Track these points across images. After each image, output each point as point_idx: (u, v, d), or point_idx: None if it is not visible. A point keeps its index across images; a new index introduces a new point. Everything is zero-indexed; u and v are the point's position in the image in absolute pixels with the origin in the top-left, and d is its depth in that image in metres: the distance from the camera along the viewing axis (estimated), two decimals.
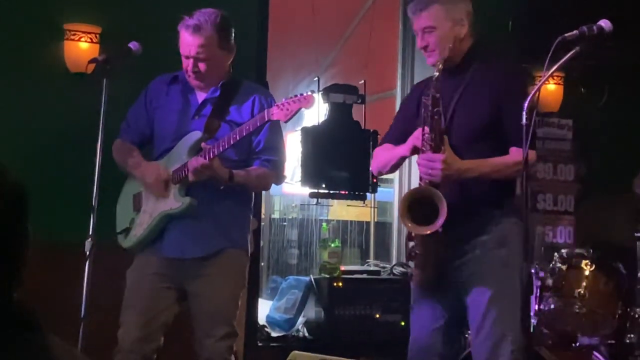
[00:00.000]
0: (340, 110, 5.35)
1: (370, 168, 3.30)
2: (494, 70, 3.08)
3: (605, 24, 2.74)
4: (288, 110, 3.04)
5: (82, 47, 4.53)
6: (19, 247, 1.30)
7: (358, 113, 5.46)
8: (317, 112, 5.33)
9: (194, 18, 3.30)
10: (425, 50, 3.12)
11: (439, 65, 3.04)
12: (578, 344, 4.30)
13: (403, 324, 5.11)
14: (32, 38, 4.52)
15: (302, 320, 5.23)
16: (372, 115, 5.60)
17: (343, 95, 5.34)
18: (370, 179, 5.34)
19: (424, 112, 3.02)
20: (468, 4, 3.17)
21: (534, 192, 5.96)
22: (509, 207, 3.07)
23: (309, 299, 5.23)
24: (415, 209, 3.00)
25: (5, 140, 4.30)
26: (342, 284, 5.09)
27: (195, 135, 3.29)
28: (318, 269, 5.38)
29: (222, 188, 3.24)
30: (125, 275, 3.39)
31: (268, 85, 4.67)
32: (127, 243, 3.42)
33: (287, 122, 3.17)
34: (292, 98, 3.06)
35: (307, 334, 5.15)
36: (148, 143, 3.49)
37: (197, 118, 3.36)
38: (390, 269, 5.40)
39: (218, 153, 3.16)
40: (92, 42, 4.55)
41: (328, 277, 5.14)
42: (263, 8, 5.12)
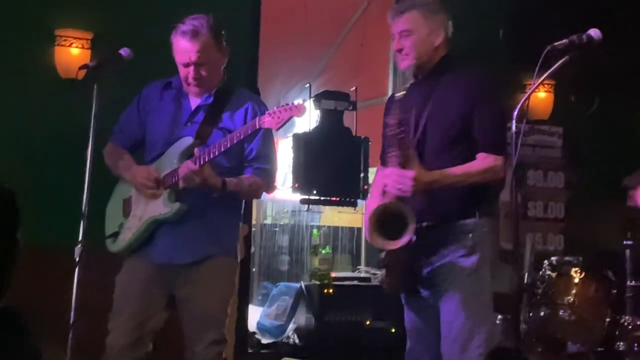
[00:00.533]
0: (332, 117, 5.36)
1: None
2: (463, 78, 3.11)
3: (595, 33, 2.76)
4: (279, 119, 3.04)
5: (73, 52, 4.54)
6: (9, 253, 1.30)
7: (349, 120, 5.47)
8: (308, 118, 5.34)
9: (188, 24, 3.29)
10: (400, 53, 3.18)
11: (411, 72, 3.14)
12: (567, 351, 4.31)
13: (393, 331, 5.12)
14: (23, 44, 4.52)
15: (292, 327, 5.23)
16: (363, 122, 5.62)
17: (334, 102, 5.36)
18: (361, 185, 5.35)
19: (389, 132, 3.08)
20: (446, 16, 3.25)
21: (525, 199, 5.98)
22: (483, 214, 3.09)
23: (300, 306, 5.23)
24: (384, 223, 3.06)
25: None
26: (332, 291, 5.10)
27: (187, 141, 3.29)
28: (309, 276, 5.39)
29: (214, 196, 3.24)
30: (115, 281, 3.38)
31: (259, 92, 4.68)
32: (115, 247, 3.41)
33: (278, 130, 3.17)
34: (283, 106, 3.06)
35: (297, 341, 5.15)
36: (139, 147, 3.48)
37: (189, 124, 3.36)
38: (381, 276, 5.39)
39: (209, 159, 3.15)
40: (83, 48, 4.55)
41: (319, 283, 5.14)
42: (255, 14, 5.13)
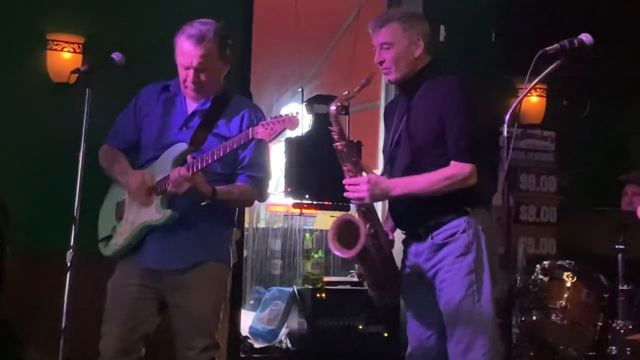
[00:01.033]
0: (324, 121, 5.30)
1: None
2: (437, 87, 3.16)
3: (586, 38, 2.76)
4: (272, 130, 3.03)
5: (64, 57, 4.53)
6: None
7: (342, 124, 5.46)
8: (300, 123, 5.33)
9: (195, 28, 3.28)
10: (381, 65, 3.25)
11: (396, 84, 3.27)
12: (560, 356, 4.31)
13: (386, 335, 5.13)
14: (14, 48, 4.51)
15: (285, 332, 5.22)
16: (356, 126, 5.62)
17: (327, 106, 5.33)
18: None
19: (339, 150, 3.23)
20: (425, 26, 3.29)
21: (517, 203, 5.99)
22: (473, 215, 3.12)
23: (292, 310, 5.23)
24: (342, 234, 3.16)
25: None
26: (325, 295, 5.09)
27: (181, 147, 3.28)
28: (301, 280, 5.38)
29: (203, 204, 3.22)
30: (107, 286, 3.37)
31: (252, 97, 4.67)
32: (107, 251, 3.41)
33: (270, 141, 3.17)
34: (277, 118, 3.05)
35: (290, 345, 5.15)
36: (135, 150, 3.47)
37: (184, 129, 3.35)
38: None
39: (201, 167, 3.14)
40: (74, 52, 4.54)
41: (311, 288, 5.14)
42: (247, 19, 5.13)
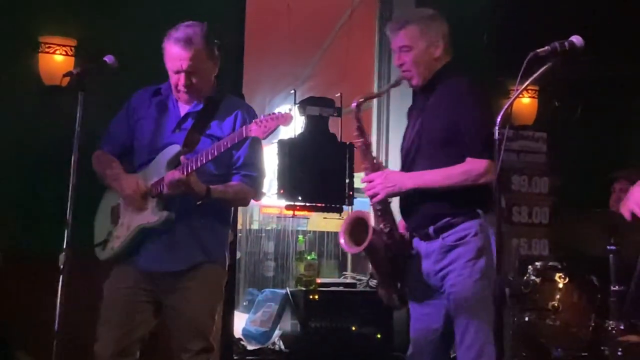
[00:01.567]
0: (317, 123, 5.37)
1: None
2: (452, 86, 3.15)
3: (577, 40, 2.75)
4: (266, 127, 3.04)
5: (57, 59, 4.53)
6: None
7: (334, 126, 5.48)
8: (293, 124, 5.34)
9: (181, 31, 3.28)
10: (401, 68, 3.24)
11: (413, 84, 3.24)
12: (552, 356, 4.32)
13: (379, 337, 5.13)
14: (6, 50, 4.50)
15: (278, 333, 5.22)
16: (348, 127, 5.61)
17: (319, 108, 5.36)
18: (347, 191, 5.35)
19: (358, 148, 3.26)
20: (443, 26, 3.29)
21: (509, 204, 6.01)
22: (485, 219, 3.10)
23: (285, 312, 5.23)
24: (354, 230, 3.20)
25: None
26: (318, 297, 5.09)
27: (175, 149, 3.28)
28: (294, 282, 5.38)
29: (198, 203, 3.23)
30: (100, 289, 3.37)
31: (244, 98, 4.67)
32: (104, 255, 3.41)
33: (264, 139, 3.17)
34: (270, 115, 3.05)
35: (283, 347, 5.15)
36: (128, 154, 3.47)
37: (177, 131, 3.35)
38: (367, 282, 5.40)
39: (196, 168, 3.15)
40: (67, 54, 4.55)
41: (304, 289, 5.14)
42: (240, 20, 5.13)
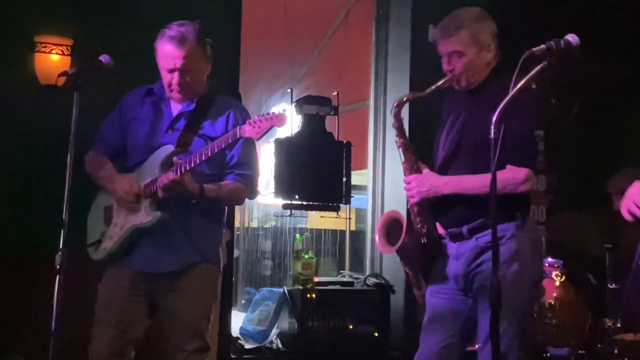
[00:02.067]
0: (314, 122, 5.36)
1: None
2: (501, 90, 2.93)
3: (573, 39, 2.74)
4: (260, 128, 3.03)
5: (53, 59, 4.52)
6: None
7: (331, 124, 5.47)
8: (290, 123, 5.34)
9: (174, 30, 3.29)
10: (450, 72, 3.16)
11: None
12: (549, 355, 4.33)
13: (376, 335, 5.13)
14: (2, 50, 4.49)
15: (275, 332, 5.22)
16: (345, 126, 5.62)
17: (316, 107, 5.35)
18: (344, 190, 5.35)
19: (398, 147, 3.21)
20: (492, 25, 3.19)
21: None
22: (523, 221, 3.08)
23: (283, 311, 5.22)
24: (394, 230, 3.19)
25: None
26: (315, 296, 5.09)
27: (168, 149, 3.28)
28: (292, 280, 5.38)
29: (193, 202, 3.23)
30: (96, 289, 3.37)
31: (241, 97, 4.67)
32: (97, 255, 3.41)
33: (258, 139, 3.17)
34: (264, 116, 3.05)
35: (280, 346, 5.14)
36: (121, 155, 3.47)
37: (170, 132, 3.35)
38: (364, 280, 5.40)
39: (189, 168, 3.14)
40: (63, 54, 4.54)
41: (301, 288, 5.14)
42: (236, 19, 5.12)
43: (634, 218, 2.61)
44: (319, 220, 6.38)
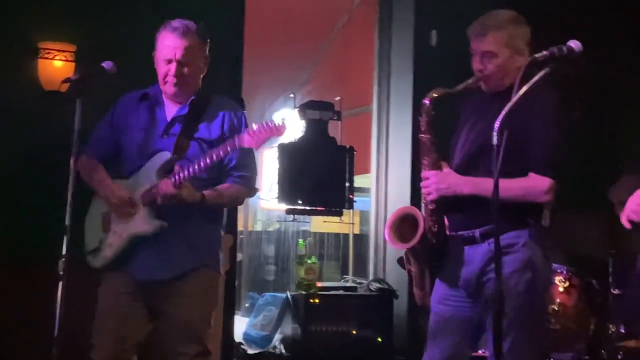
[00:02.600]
0: (316, 127, 5.37)
1: None
2: (534, 96, 2.85)
3: (575, 45, 2.73)
4: (259, 138, 3.01)
5: (56, 65, 4.53)
6: None
7: (334, 129, 5.48)
8: (293, 128, 5.35)
9: (177, 22, 3.30)
10: (480, 72, 3.10)
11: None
12: None
13: (379, 340, 5.13)
14: (6, 56, 4.50)
15: (278, 337, 5.22)
16: (348, 130, 5.63)
17: (319, 112, 5.36)
18: (347, 195, 5.35)
19: (422, 142, 3.12)
20: (528, 31, 3.13)
21: None
22: (535, 228, 3.03)
23: (286, 316, 5.23)
24: (405, 227, 3.10)
25: None
26: (318, 301, 5.09)
27: (164, 156, 3.27)
28: (295, 285, 5.38)
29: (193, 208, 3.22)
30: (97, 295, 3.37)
31: (244, 103, 4.67)
32: (96, 263, 3.38)
33: (257, 149, 3.15)
34: (264, 125, 3.02)
35: (283, 351, 5.14)
36: (113, 159, 3.46)
37: (165, 137, 3.34)
38: (367, 285, 5.40)
39: (187, 177, 3.14)
40: (66, 60, 4.54)
41: (305, 293, 5.13)
42: (238, 25, 5.13)
43: (634, 225, 2.61)
44: (323, 224, 6.39)
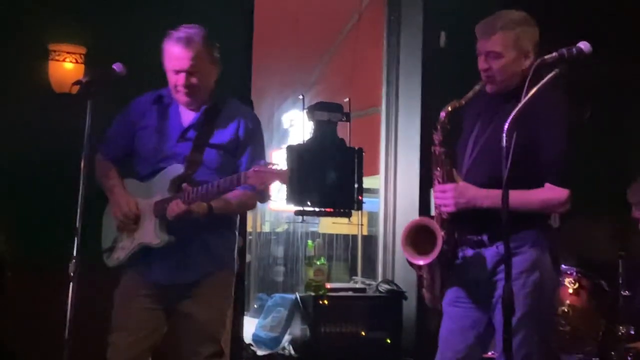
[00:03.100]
0: (325, 128, 5.37)
1: None
2: (538, 101, 2.80)
3: (585, 46, 2.73)
4: (263, 179, 3.00)
5: (66, 67, 4.54)
6: None
7: (343, 131, 5.48)
8: (302, 130, 5.36)
9: (181, 31, 3.30)
10: (485, 72, 3.10)
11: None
12: None
13: (388, 341, 5.13)
14: (17, 58, 4.52)
15: (288, 338, 5.23)
16: (357, 132, 5.63)
17: (328, 114, 5.37)
18: (356, 196, 5.35)
19: (436, 155, 3.13)
20: (536, 33, 3.12)
21: None
22: (543, 229, 3.05)
23: (295, 317, 5.23)
24: (419, 237, 3.11)
25: None
26: (327, 302, 5.09)
27: (177, 170, 3.29)
28: (304, 287, 5.38)
29: (202, 220, 3.23)
30: (111, 297, 3.39)
31: (252, 104, 4.68)
32: (110, 263, 3.42)
33: (257, 190, 3.15)
34: (270, 169, 3.00)
35: (293, 352, 5.15)
36: (127, 159, 3.47)
37: (182, 141, 3.36)
38: (376, 286, 5.40)
39: (195, 197, 3.15)
40: (76, 62, 4.56)
41: (313, 294, 5.14)
42: (247, 26, 5.14)
43: None
44: (331, 225, 6.39)
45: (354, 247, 6.54)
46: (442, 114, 3.13)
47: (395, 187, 5.89)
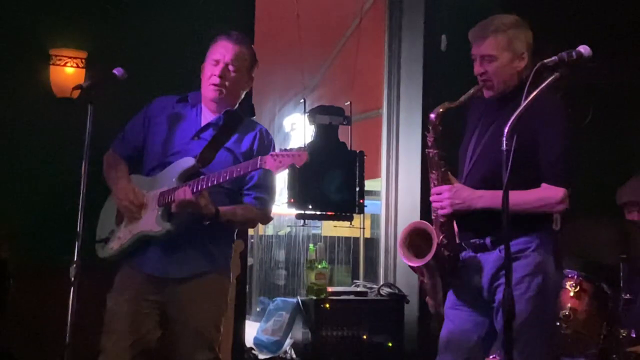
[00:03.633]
0: (327, 132, 5.37)
1: None
2: (535, 102, 2.78)
3: (585, 50, 2.73)
4: (280, 163, 3.00)
5: (67, 72, 4.54)
6: None
7: (344, 134, 5.49)
8: (303, 133, 5.36)
9: (235, 33, 3.40)
10: (480, 77, 3.13)
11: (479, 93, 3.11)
12: None
13: (390, 345, 5.13)
14: (18, 63, 4.53)
15: (289, 342, 5.23)
16: (358, 135, 5.63)
17: (329, 117, 5.37)
18: (357, 199, 5.36)
19: (430, 157, 3.14)
20: (529, 35, 3.14)
21: None
22: (546, 233, 3.05)
23: (297, 321, 5.23)
24: (418, 241, 3.12)
25: None
26: (329, 306, 5.09)
27: (189, 162, 3.28)
28: (305, 290, 5.38)
29: (206, 223, 3.22)
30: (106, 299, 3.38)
31: (254, 109, 4.68)
32: (103, 253, 3.40)
33: (276, 173, 3.15)
34: (286, 151, 3.02)
35: (294, 356, 5.15)
36: (140, 157, 3.47)
37: (196, 139, 3.36)
38: (378, 290, 5.40)
39: (205, 187, 3.15)
40: (77, 67, 4.56)
41: (315, 298, 5.14)
42: (248, 29, 5.14)
43: None
44: (333, 228, 6.39)
45: (356, 250, 6.54)
46: (431, 116, 3.15)
47: (397, 189, 5.89)
